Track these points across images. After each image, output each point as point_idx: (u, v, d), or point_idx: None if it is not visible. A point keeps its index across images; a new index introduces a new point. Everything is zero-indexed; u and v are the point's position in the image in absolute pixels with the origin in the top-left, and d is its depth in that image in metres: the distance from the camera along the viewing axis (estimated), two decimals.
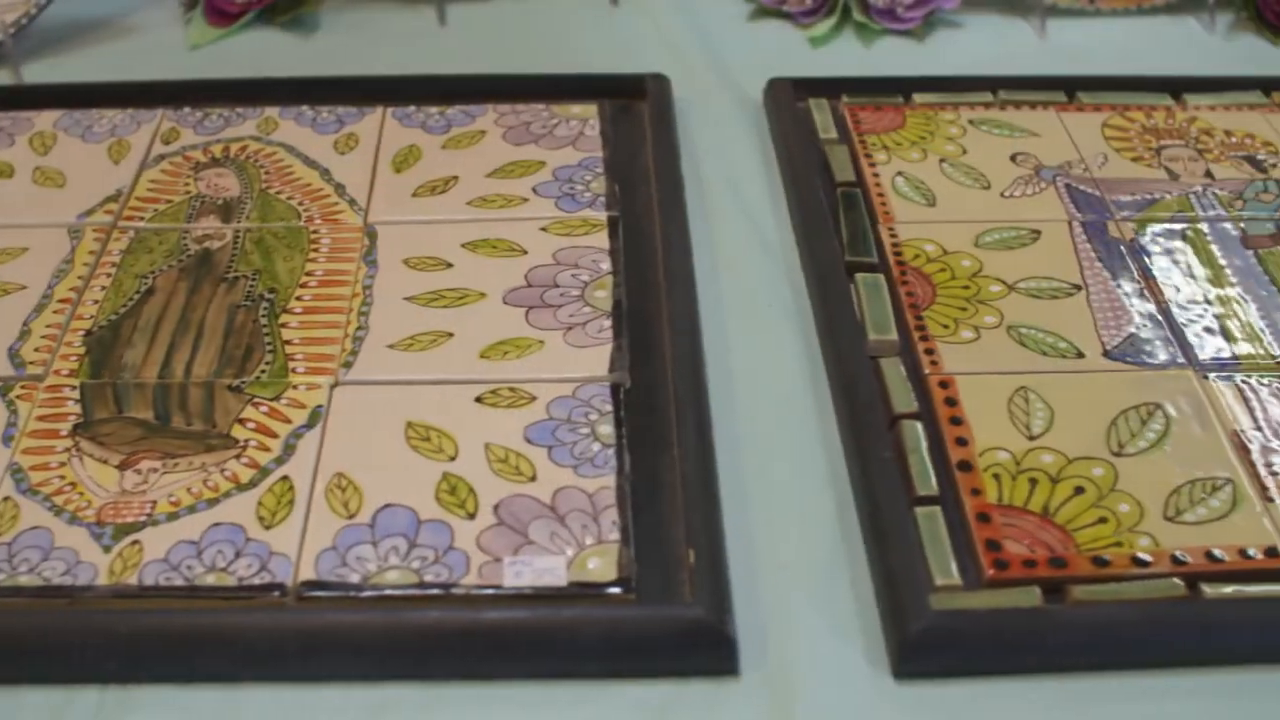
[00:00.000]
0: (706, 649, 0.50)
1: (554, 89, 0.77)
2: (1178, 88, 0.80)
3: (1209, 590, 0.52)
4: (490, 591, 0.51)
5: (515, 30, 0.87)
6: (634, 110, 0.77)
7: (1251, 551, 0.53)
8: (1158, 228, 0.70)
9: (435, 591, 0.51)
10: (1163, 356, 0.62)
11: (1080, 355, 0.62)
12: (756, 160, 0.76)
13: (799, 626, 0.52)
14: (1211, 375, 0.61)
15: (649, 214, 0.70)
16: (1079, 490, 0.56)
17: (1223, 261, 0.68)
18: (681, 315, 0.63)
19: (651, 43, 0.86)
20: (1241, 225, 0.70)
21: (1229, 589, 0.52)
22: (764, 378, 0.63)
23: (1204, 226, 0.70)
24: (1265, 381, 0.61)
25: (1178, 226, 0.70)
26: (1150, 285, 0.66)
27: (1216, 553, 0.53)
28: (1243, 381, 0.61)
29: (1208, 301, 0.65)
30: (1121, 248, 0.68)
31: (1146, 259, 0.68)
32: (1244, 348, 0.62)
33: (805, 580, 0.54)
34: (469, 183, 0.71)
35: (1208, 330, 0.63)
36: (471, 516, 0.54)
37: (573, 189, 0.71)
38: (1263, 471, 0.56)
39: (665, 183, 0.71)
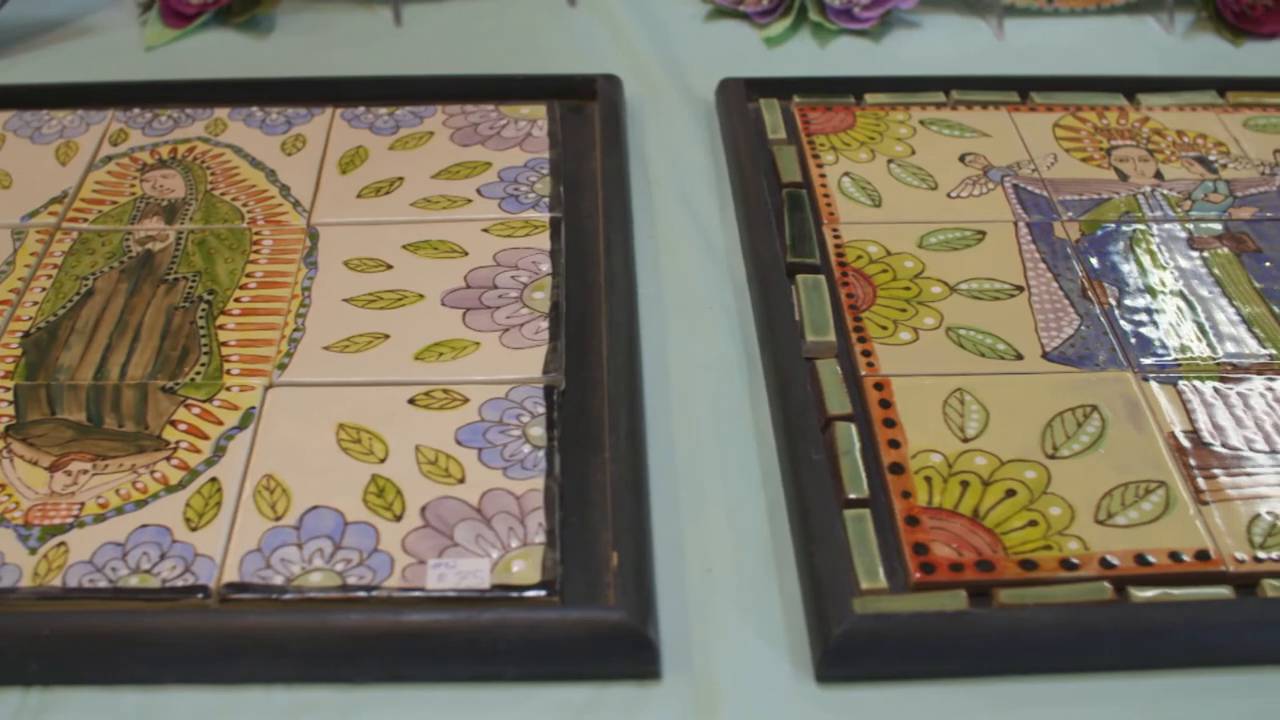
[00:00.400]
0: (628, 652, 0.50)
1: (504, 90, 0.77)
2: (1132, 88, 0.79)
3: (1137, 594, 0.52)
4: (412, 594, 0.51)
5: (472, 31, 0.86)
6: (585, 111, 0.77)
7: (1182, 554, 0.53)
8: (1104, 228, 0.69)
9: (358, 594, 0.51)
10: (1102, 358, 0.62)
11: (1019, 357, 0.61)
12: (706, 161, 0.76)
13: (724, 629, 0.52)
14: (1151, 377, 0.61)
15: (594, 215, 0.69)
16: (1010, 493, 0.55)
17: (1168, 263, 0.67)
18: (619, 317, 0.62)
19: (608, 43, 0.86)
20: (1189, 226, 0.70)
21: (1156, 592, 0.52)
22: (701, 380, 0.62)
23: (1151, 227, 0.70)
24: (1205, 384, 0.61)
25: (1125, 227, 0.70)
26: (1093, 286, 0.66)
27: (1147, 556, 0.53)
28: (1182, 384, 0.60)
29: (1151, 303, 0.65)
30: (1067, 249, 0.68)
31: (1091, 260, 0.67)
32: (1185, 350, 0.62)
33: (733, 583, 0.54)
34: (414, 184, 0.71)
35: (1150, 332, 0.63)
36: (398, 519, 0.54)
37: (517, 190, 0.71)
38: (1197, 474, 0.56)
39: (611, 184, 0.71)
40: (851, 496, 0.55)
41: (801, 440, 0.57)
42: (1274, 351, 0.62)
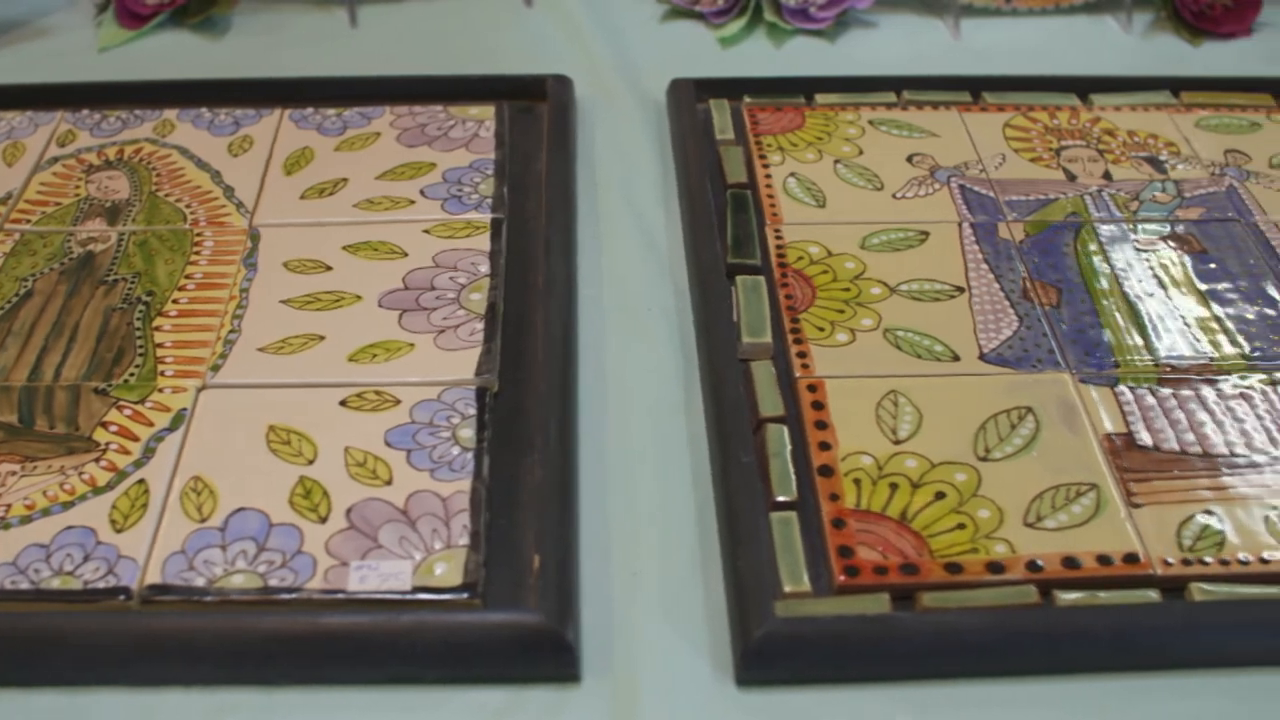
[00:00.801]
0: (546, 655, 0.50)
1: (454, 90, 0.77)
2: (1085, 88, 0.79)
3: (1062, 597, 0.52)
4: (333, 596, 0.51)
5: (427, 31, 0.86)
6: (535, 112, 0.77)
7: (1111, 557, 0.53)
8: (1049, 229, 0.69)
9: (279, 596, 0.51)
10: (1040, 360, 0.61)
11: (955, 358, 0.61)
12: (654, 162, 0.75)
13: (648, 633, 0.52)
14: (1089, 379, 0.60)
15: (538, 216, 0.69)
16: (940, 495, 0.55)
17: (1113, 264, 0.67)
18: (555, 318, 0.62)
19: (563, 44, 0.86)
20: (1135, 227, 0.70)
21: (1079, 596, 0.51)
22: (637, 381, 0.62)
23: (1097, 228, 0.69)
24: (1143, 386, 0.60)
25: (1070, 228, 0.69)
26: (1035, 288, 0.65)
27: (1075, 559, 0.53)
28: (1120, 386, 0.60)
29: (1093, 304, 0.64)
30: (1011, 249, 0.68)
31: (1034, 261, 0.67)
32: (1125, 352, 0.62)
33: (658, 586, 0.54)
34: (358, 185, 0.71)
35: (1090, 334, 0.63)
36: (323, 520, 0.53)
37: (460, 191, 0.70)
38: (1130, 477, 0.56)
39: (555, 185, 0.70)
40: (780, 499, 0.55)
41: (731, 442, 0.57)
42: (1214, 354, 0.62)
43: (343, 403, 0.58)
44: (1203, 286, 0.66)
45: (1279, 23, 0.89)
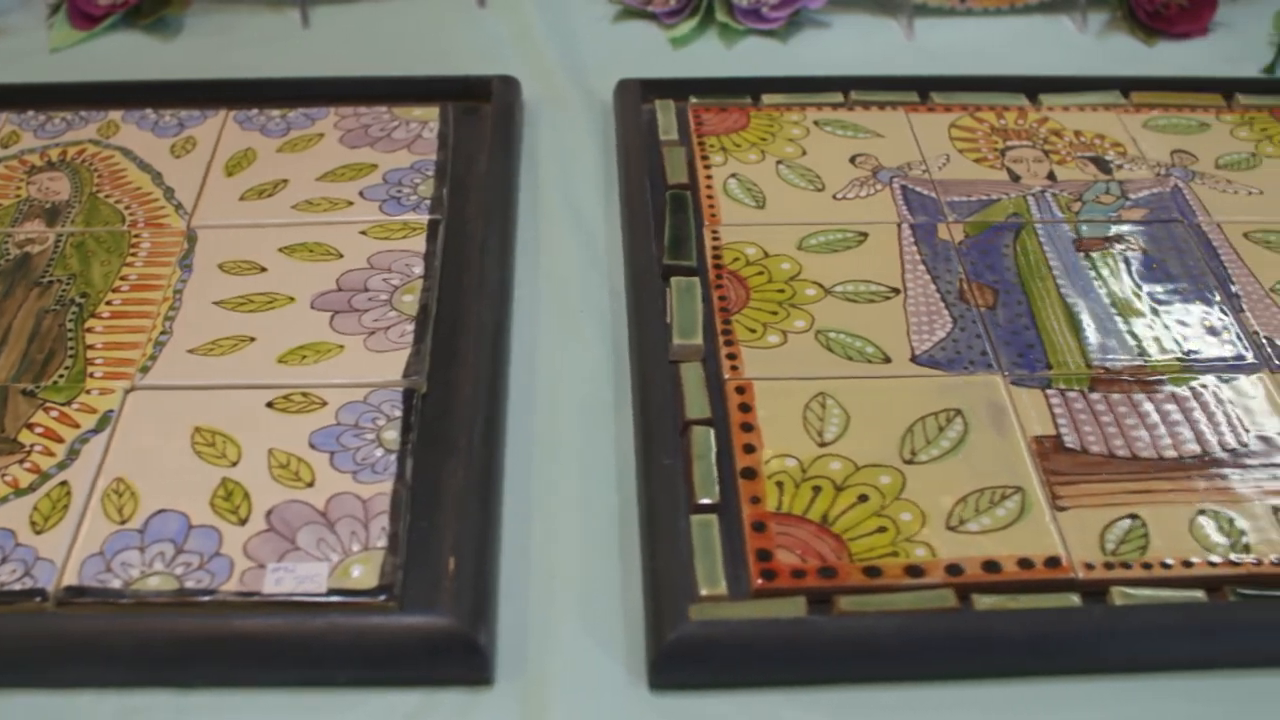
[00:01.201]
0: (458, 658, 0.49)
1: (400, 91, 0.77)
2: (1034, 88, 0.78)
3: (980, 601, 0.52)
4: (248, 598, 0.50)
5: (379, 32, 0.86)
6: (480, 113, 0.77)
7: (1033, 561, 0.53)
8: (990, 230, 0.69)
9: (194, 598, 0.50)
10: (972, 362, 0.61)
11: (887, 360, 0.61)
12: (598, 163, 0.75)
13: (564, 636, 0.52)
14: (1021, 381, 0.60)
15: (477, 218, 0.69)
16: (862, 498, 0.55)
17: (1052, 265, 0.67)
18: (486, 319, 0.62)
19: (515, 44, 0.85)
20: (1077, 228, 0.69)
21: (998, 600, 0.51)
22: (567, 383, 0.62)
23: (1038, 229, 0.69)
24: (1075, 389, 0.60)
25: (1010, 229, 0.69)
26: (972, 289, 0.65)
27: (996, 562, 0.52)
28: (1052, 389, 0.59)
29: (1029, 306, 0.64)
30: (950, 250, 0.67)
31: (972, 262, 0.66)
32: (1058, 354, 0.61)
33: (577, 589, 0.53)
34: (298, 186, 0.71)
35: (1025, 335, 0.62)
36: (243, 522, 0.53)
37: (399, 192, 0.70)
38: (1056, 480, 0.55)
39: (495, 186, 0.70)
40: (702, 502, 0.55)
41: (655, 444, 0.56)
42: (1149, 357, 0.61)
43: (269, 404, 0.58)
44: (1141, 288, 0.65)
45: (1235, 23, 0.88)
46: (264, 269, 0.65)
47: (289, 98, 0.77)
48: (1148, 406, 0.59)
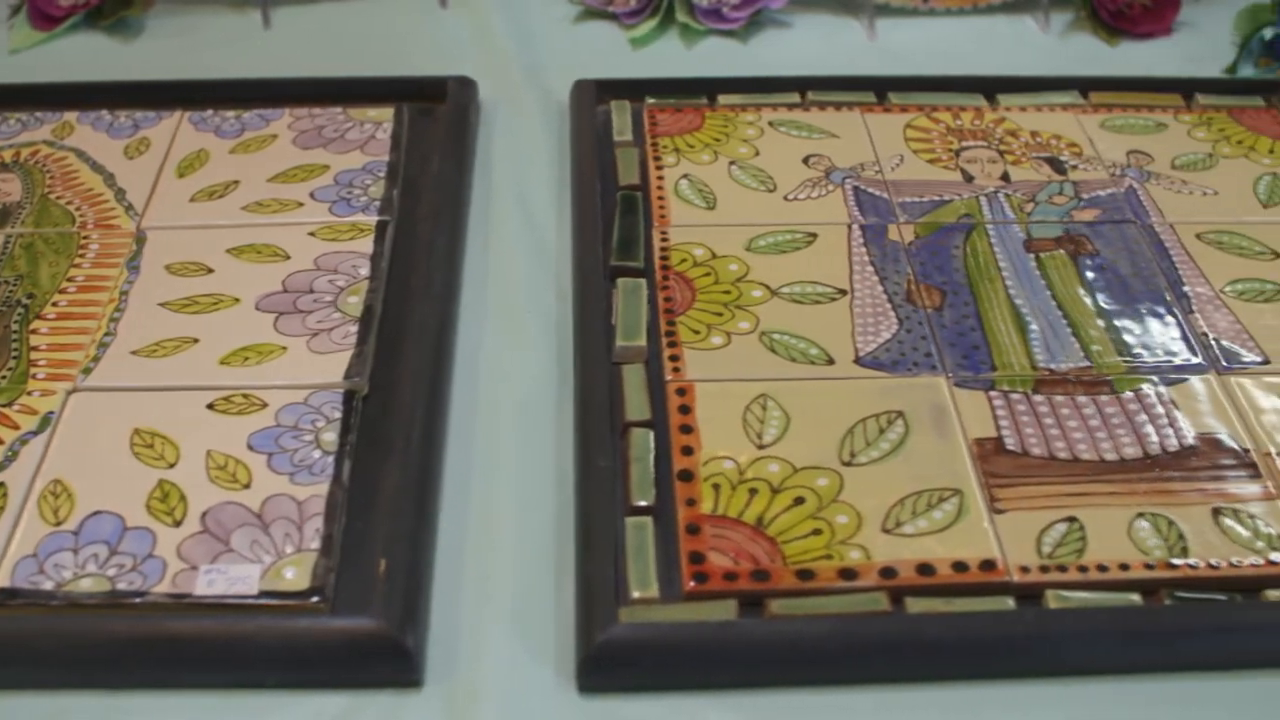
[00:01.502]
0: (386, 660, 0.49)
1: (356, 92, 0.77)
2: (992, 88, 0.78)
3: (912, 604, 0.52)
4: (179, 600, 0.50)
5: (341, 33, 0.86)
6: (436, 114, 0.76)
7: (968, 564, 0.52)
8: (940, 231, 0.68)
9: (126, 600, 0.50)
10: (916, 363, 0.61)
11: (830, 362, 0.61)
12: (553, 164, 0.75)
13: (495, 638, 0.51)
14: (964, 383, 0.60)
15: (427, 219, 0.69)
16: (799, 501, 0.54)
17: (1001, 266, 0.66)
18: (429, 321, 0.62)
19: (475, 45, 0.85)
20: (1028, 229, 0.69)
21: (929, 603, 0.51)
22: (511, 385, 0.62)
23: (989, 230, 0.69)
24: (1018, 390, 0.59)
25: (961, 230, 0.69)
26: (920, 290, 0.65)
27: (930, 565, 0.52)
28: (995, 390, 0.59)
29: (976, 308, 0.63)
30: (899, 251, 0.67)
31: (921, 263, 0.66)
32: (1004, 355, 0.61)
33: (511, 591, 0.53)
34: (249, 187, 0.71)
35: (971, 337, 0.62)
36: (178, 524, 0.53)
37: (350, 193, 0.70)
38: (995, 483, 0.55)
39: (446, 187, 0.70)
40: (638, 504, 0.54)
41: (592, 446, 0.56)
42: (1095, 359, 0.61)
43: (210, 406, 0.58)
44: (1090, 290, 0.65)
45: (1198, 22, 0.88)
46: (211, 270, 0.65)
47: (245, 99, 0.77)
48: (1091, 409, 0.59)
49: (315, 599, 0.51)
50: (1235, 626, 0.51)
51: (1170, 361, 0.61)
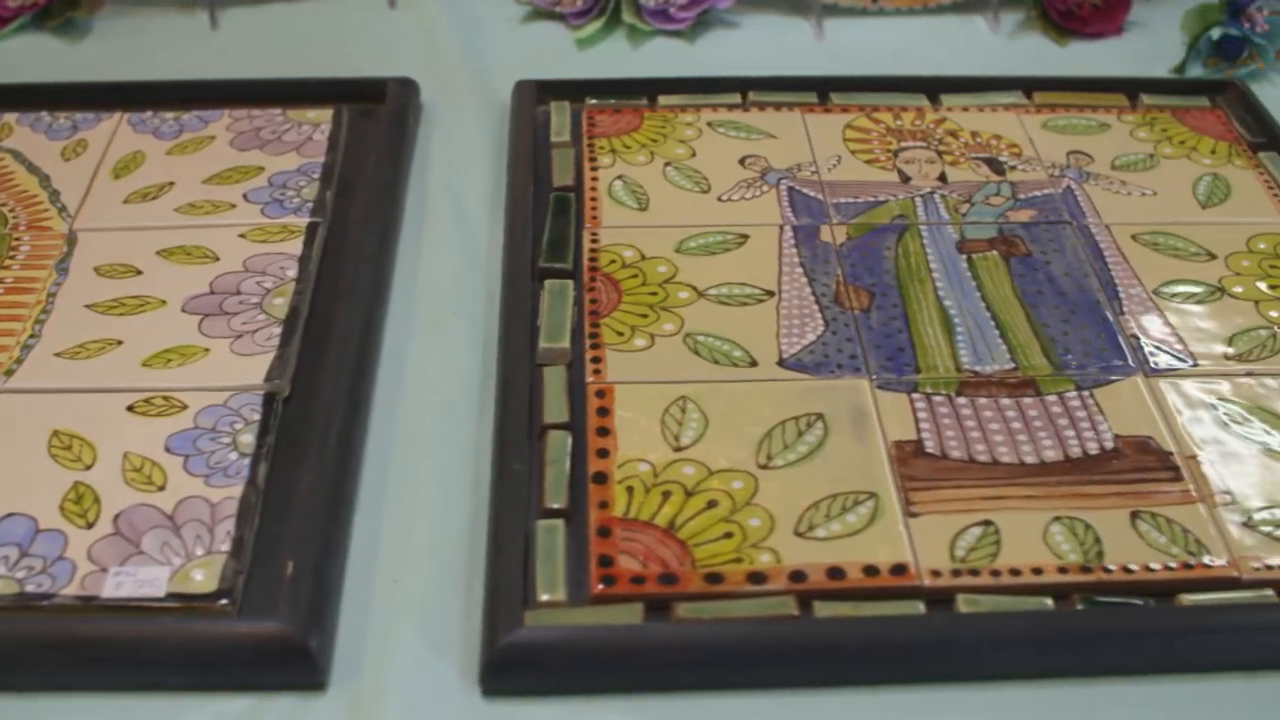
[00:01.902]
0: (290, 663, 0.49)
1: (297, 93, 0.77)
2: (936, 88, 0.78)
3: (820, 609, 0.51)
4: (87, 602, 0.50)
5: (289, 34, 0.86)
6: (376, 115, 0.76)
7: (878, 568, 0.52)
8: (872, 232, 0.68)
9: (32, 602, 0.50)
10: (840, 365, 0.60)
11: (753, 364, 0.60)
12: (490, 165, 0.74)
13: (403, 641, 0.51)
14: (887, 385, 0.59)
15: (360, 221, 0.69)
16: (712, 504, 0.54)
17: (932, 268, 0.66)
18: (353, 323, 0.62)
19: (422, 46, 0.85)
20: (961, 229, 0.68)
21: (837, 608, 0.50)
22: (434, 387, 0.62)
23: (922, 230, 0.68)
24: (941, 393, 0.59)
25: (894, 231, 0.68)
26: (849, 292, 0.64)
27: (840, 569, 0.52)
28: (917, 393, 0.59)
29: (905, 309, 0.63)
30: (830, 253, 0.67)
31: (851, 264, 0.66)
32: (929, 357, 0.61)
33: (421, 594, 0.53)
34: (183, 189, 0.70)
35: (898, 339, 0.62)
36: (90, 526, 0.53)
37: (283, 195, 0.70)
38: (912, 486, 0.55)
39: (380, 189, 0.70)
40: (551, 506, 0.54)
41: (508, 449, 0.56)
42: (1022, 361, 0.61)
43: (130, 408, 0.58)
44: (1021, 291, 0.64)
45: (1149, 22, 0.87)
46: (140, 272, 0.65)
47: (186, 100, 0.77)
48: (1013, 411, 0.58)
49: (223, 601, 0.51)
50: (1147, 631, 0.51)
51: (1098, 363, 0.61)
